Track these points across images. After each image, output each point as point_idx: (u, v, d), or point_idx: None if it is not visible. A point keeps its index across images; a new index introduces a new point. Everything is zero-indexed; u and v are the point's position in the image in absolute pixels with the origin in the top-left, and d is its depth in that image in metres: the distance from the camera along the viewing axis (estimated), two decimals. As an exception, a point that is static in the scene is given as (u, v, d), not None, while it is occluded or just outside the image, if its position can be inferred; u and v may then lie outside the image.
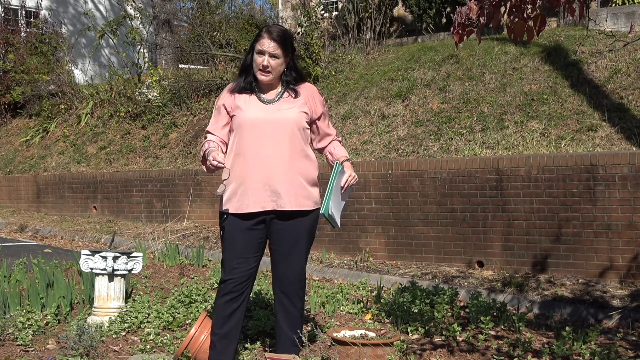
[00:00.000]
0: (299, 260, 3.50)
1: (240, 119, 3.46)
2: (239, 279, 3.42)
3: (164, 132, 11.10)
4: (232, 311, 3.45)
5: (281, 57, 3.44)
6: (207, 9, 19.45)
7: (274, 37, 3.41)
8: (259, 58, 3.43)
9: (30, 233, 9.95)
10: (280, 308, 3.54)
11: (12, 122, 14.60)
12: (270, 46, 3.41)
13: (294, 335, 3.51)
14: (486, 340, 4.34)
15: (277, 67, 3.45)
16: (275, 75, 3.47)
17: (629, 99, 7.30)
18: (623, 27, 9.28)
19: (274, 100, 3.49)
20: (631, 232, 5.56)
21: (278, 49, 3.42)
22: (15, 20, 16.45)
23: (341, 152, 3.72)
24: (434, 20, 13.04)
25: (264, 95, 3.51)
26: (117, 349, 4.19)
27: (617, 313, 4.99)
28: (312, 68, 10.27)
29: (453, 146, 7.51)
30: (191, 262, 6.92)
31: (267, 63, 3.41)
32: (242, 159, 3.44)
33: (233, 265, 3.43)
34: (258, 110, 3.46)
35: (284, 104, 3.48)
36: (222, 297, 3.45)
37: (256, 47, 3.44)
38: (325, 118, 3.66)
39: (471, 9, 3.31)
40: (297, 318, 3.54)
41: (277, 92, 3.52)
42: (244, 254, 3.43)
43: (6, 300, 4.85)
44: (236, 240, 3.44)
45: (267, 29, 3.46)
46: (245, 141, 3.44)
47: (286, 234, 3.47)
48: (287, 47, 3.46)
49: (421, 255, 6.67)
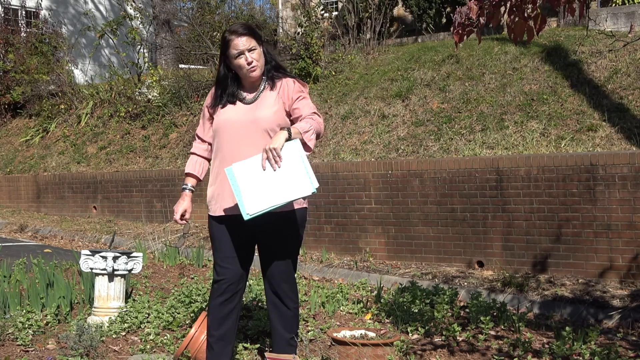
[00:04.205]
0: (287, 260, 3.46)
1: (217, 122, 3.45)
2: (230, 278, 3.41)
3: (164, 132, 11.10)
4: (228, 313, 3.44)
5: (257, 47, 3.39)
6: (207, 9, 19.46)
7: (242, 32, 3.36)
8: (240, 60, 3.36)
9: (30, 233, 9.95)
10: (273, 309, 3.52)
11: (12, 122, 14.60)
12: (243, 42, 3.34)
13: (289, 335, 3.50)
14: (486, 340, 4.34)
15: (260, 58, 3.40)
16: (262, 67, 3.41)
17: (629, 99, 7.30)
18: (623, 27, 9.27)
19: (255, 99, 3.43)
20: (631, 232, 5.56)
21: (252, 41, 3.36)
22: (15, 20, 16.45)
23: (299, 125, 3.30)
24: (434, 20, 13.04)
25: (247, 96, 3.45)
26: (117, 349, 4.19)
27: (617, 313, 4.99)
28: (312, 68, 10.27)
29: (453, 146, 7.51)
30: (191, 262, 6.92)
31: (251, 59, 3.36)
32: (220, 162, 3.43)
33: (223, 265, 3.42)
34: (235, 112, 3.41)
35: (262, 102, 3.41)
36: (216, 298, 3.44)
37: (231, 53, 3.37)
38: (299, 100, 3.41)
39: (471, 8, 3.31)
40: (291, 318, 3.51)
41: (259, 89, 3.45)
42: (232, 253, 3.42)
43: (6, 300, 4.85)
44: (223, 241, 3.43)
45: (230, 31, 3.39)
46: (222, 144, 3.42)
47: (272, 234, 3.42)
48: (257, 35, 3.41)
49: (421, 255, 6.67)
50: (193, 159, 3.64)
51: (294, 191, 3.12)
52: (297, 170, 3.13)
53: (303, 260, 7.13)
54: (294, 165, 3.13)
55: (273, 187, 3.13)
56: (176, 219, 3.56)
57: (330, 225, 7.31)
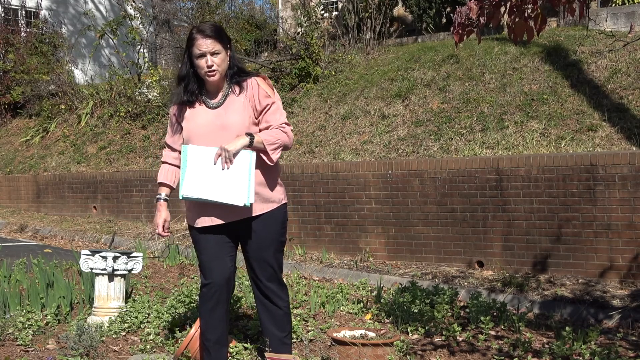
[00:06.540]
0: (271, 261, 3.44)
1: (186, 129, 3.40)
2: (219, 281, 3.39)
3: (164, 132, 11.10)
4: (220, 317, 3.44)
5: (222, 52, 3.32)
6: (207, 9, 19.43)
7: (208, 34, 3.29)
8: (201, 61, 3.29)
9: (30, 233, 9.95)
10: (263, 310, 3.51)
11: (12, 122, 14.60)
12: (207, 44, 3.28)
13: (282, 334, 3.50)
14: (486, 340, 4.34)
15: (222, 63, 3.32)
16: (222, 72, 3.34)
17: (629, 99, 7.30)
18: (623, 27, 9.27)
19: (220, 103, 3.37)
20: (631, 232, 5.56)
21: (217, 44, 3.29)
22: (15, 20, 16.45)
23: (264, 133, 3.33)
24: (434, 20, 13.04)
25: (211, 100, 3.39)
26: (117, 349, 4.19)
27: (617, 313, 4.99)
28: (312, 68, 10.27)
29: (453, 146, 7.51)
30: (191, 262, 6.92)
31: (212, 62, 3.29)
32: None
33: (210, 267, 3.40)
34: (203, 118, 3.36)
35: (229, 107, 3.36)
36: (206, 303, 3.43)
37: (194, 52, 3.29)
38: (268, 110, 3.37)
39: (471, 8, 3.31)
40: (282, 316, 3.50)
41: (223, 92, 3.40)
42: (218, 255, 3.40)
43: (6, 300, 4.85)
44: (207, 244, 3.41)
45: (197, 29, 3.33)
46: None
47: (252, 236, 3.41)
48: (224, 40, 3.34)
49: (421, 255, 6.67)
50: (165, 167, 3.59)
51: (229, 196, 3.24)
52: (240, 178, 3.25)
53: (303, 260, 7.13)
54: (240, 173, 3.26)
55: (214, 182, 3.26)
56: (159, 232, 3.54)
57: (330, 225, 7.31)
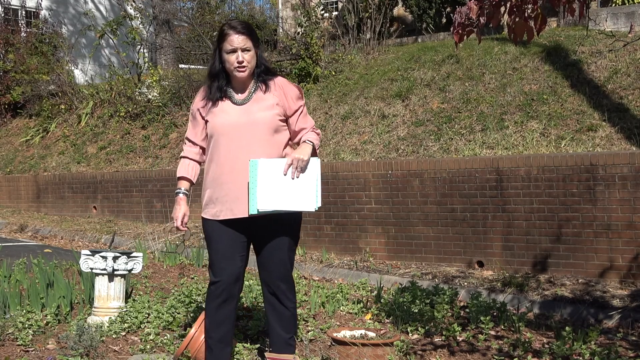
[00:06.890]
0: (283, 261, 3.45)
1: (213, 125, 3.41)
2: (228, 280, 3.39)
3: (164, 132, 11.10)
4: (226, 315, 3.44)
5: (252, 49, 3.37)
6: (207, 9, 19.48)
7: (240, 30, 3.33)
8: (232, 56, 3.34)
9: (30, 233, 9.96)
10: (271, 309, 3.51)
11: (12, 122, 14.60)
12: (240, 41, 3.33)
13: (288, 335, 3.50)
14: (486, 340, 4.34)
15: (252, 60, 3.37)
16: (251, 69, 3.39)
17: (629, 99, 7.30)
18: (623, 27, 9.27)
19: (247, 100, 3.42)
20: (631, 232, 5.56)
21: (248, 42, 3.35)
22: (15, 20, 16.45)
23: (308, 136, 3.47)
24: (434, 20, 13.04)
25: (237, 96, 3.43)
26: (117, 349, 4.19)
27: (617, 313, 4.99)
28: (312, 68, 10.27)
29: (453, 146, 7.51)
30: (191, 262, 6.91)
31: (242, 58, 3.33)
32: (216, 165, 3.41)
33: (221, 266, 3.40)
34: (230, 114, 3.39)
35: (256, 104, 3.40)
36: (213, 300, 3.43)
37: (225, 47, 3.34)
38: (301, 113, 3.48)
39: (471, 8, 3.31)
40: (289, 318, 3.50)
41: (250, 90, 3.44)
42: (229, 254, 3.40)
43: (6, 300, 4.85)
44: (220, 241, 3.41)
45: (229, 26, 3.37)
46: (219, 147, 3.40)
47: (267, 235, 3.42)
48: (255, 38, 3.40)
49: (421, 255, 6.67)
50: (185, 162, 3.59)
51: (300, 203, 3.33)
52: (309, 185, 3.35)
53: (303, 260, 7.13)
54: (309, 180, 3.35)
55: (285, 193, 3.32)
56: (178, 226, 3.52)
57: (330, 225, 7.31)
